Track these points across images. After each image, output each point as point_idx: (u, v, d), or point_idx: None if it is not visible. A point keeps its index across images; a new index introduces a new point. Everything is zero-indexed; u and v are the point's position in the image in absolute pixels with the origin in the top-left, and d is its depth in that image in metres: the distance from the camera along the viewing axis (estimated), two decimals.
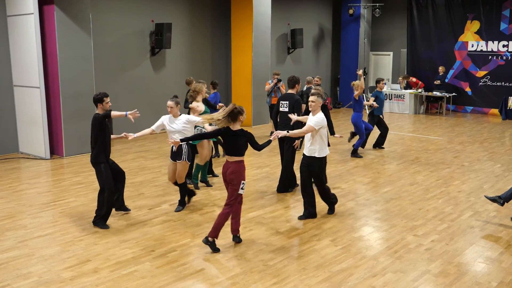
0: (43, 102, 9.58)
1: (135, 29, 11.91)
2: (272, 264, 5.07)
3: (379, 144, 10.78)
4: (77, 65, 9.73)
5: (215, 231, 5.30)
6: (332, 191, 7.57)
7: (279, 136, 5.89)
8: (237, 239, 5.63)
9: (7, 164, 9.40)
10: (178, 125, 6.41)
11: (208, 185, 7.82)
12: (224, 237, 5.75)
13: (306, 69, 16.83)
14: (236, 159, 5.28)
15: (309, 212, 6.39)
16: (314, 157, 6.12)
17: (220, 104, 8.66)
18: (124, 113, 5.86)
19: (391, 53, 18.62)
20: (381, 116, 10.47)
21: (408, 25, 17.41)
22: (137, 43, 12.00)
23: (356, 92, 9.74)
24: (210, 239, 5.31)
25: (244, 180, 5.33)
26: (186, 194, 6.75)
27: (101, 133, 5.85)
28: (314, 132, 6.02)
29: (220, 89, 13.79)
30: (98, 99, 5.92)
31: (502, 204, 6.38)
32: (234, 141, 5.24)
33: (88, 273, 4.86)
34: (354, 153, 10.00)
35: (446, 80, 16.51)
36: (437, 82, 16.13)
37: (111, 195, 5.98)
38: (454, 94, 16.05)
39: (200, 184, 7.85)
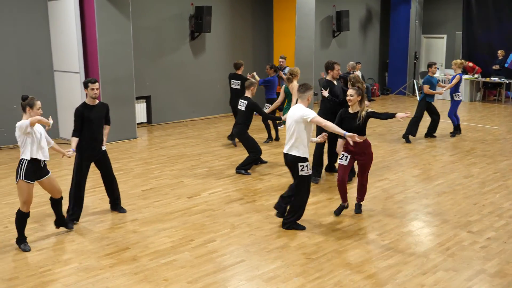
0: (82, 87, 9.67)
1: (174, 12, 11.81)
2: (315, 257, 4.92)
3: (430, 132, 10.41)
4: (116, 49, 9.71)
5: (362, 195, 6.14)
6: (379, 183, 7.33)
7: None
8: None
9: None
10: None
11: (263, 161, 8.38)
12: (263, 228, 5.62)
13: (352, 53, 16.33)
14: (363, 138, 5.81)
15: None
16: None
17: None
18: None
19: (445, 35, 17.78)
20: (432, 102, 10.12)
21: (464, 5, 16.46)
22: (176, 27, 11.90)
23: (457, 72, 10.30)
24: (361, 203, 6.20)
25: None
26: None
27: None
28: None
29: (261, 73, 13.66)
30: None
31: None
32: (352, 122, 5.80)
33: (127, 260, 4.85)
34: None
35: (506, 65, 15.54)
36: (496, 67, 15.29)
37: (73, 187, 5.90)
38: None
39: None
